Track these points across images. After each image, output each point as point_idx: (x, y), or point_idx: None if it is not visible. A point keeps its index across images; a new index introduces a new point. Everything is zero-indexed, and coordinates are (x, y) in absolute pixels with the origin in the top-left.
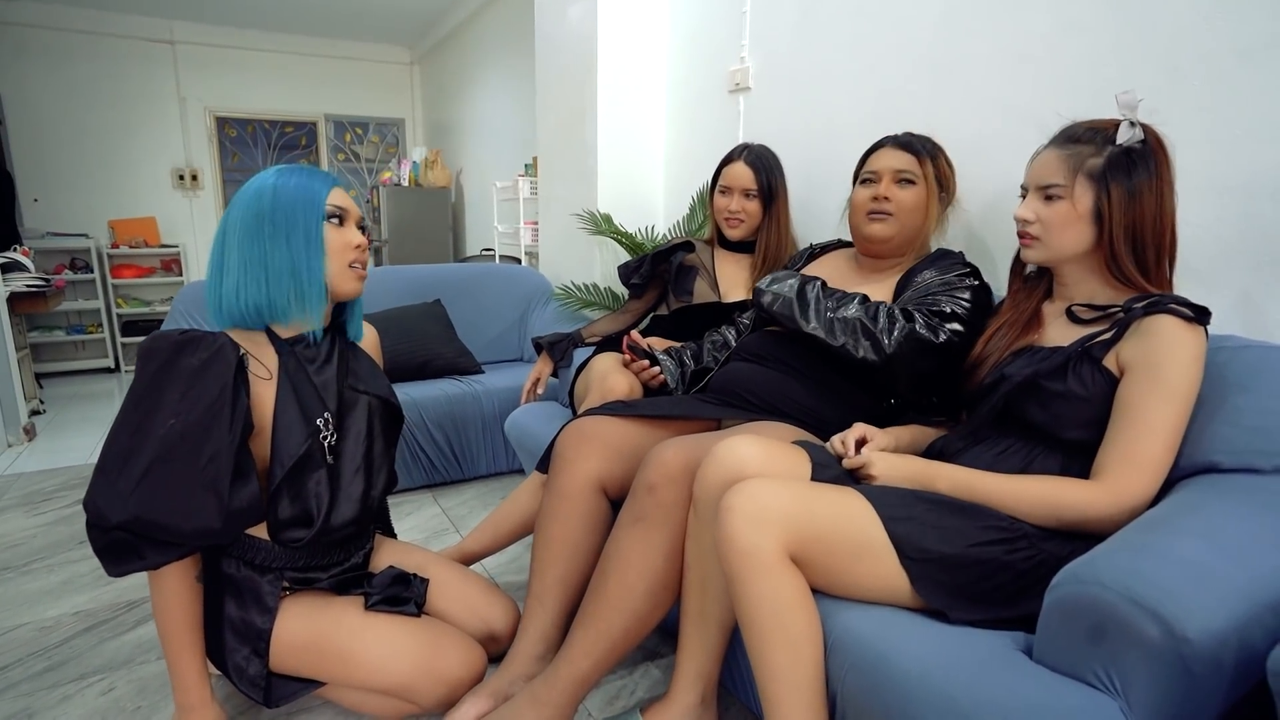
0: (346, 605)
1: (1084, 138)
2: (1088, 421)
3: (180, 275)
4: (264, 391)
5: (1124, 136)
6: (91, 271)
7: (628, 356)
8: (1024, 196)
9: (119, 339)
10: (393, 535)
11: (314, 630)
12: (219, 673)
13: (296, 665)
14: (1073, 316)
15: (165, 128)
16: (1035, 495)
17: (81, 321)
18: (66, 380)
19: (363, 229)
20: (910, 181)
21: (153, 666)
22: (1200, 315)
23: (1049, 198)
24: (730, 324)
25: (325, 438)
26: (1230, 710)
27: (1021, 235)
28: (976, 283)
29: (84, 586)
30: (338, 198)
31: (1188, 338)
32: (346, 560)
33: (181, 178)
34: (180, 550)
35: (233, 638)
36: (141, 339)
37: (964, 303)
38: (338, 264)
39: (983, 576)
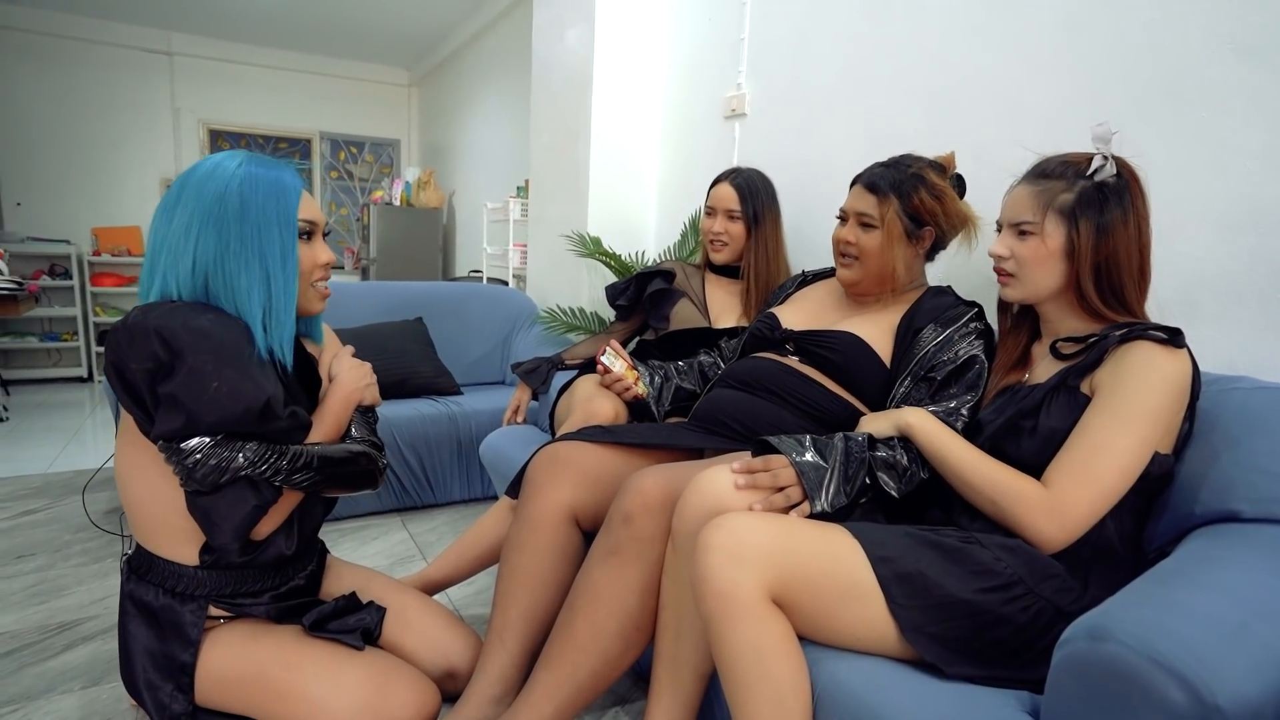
0: (285, 635)
1: (1055, 173)
2: None
3: None
4: None
5: (1097, 171)
6: (70, 278)
7: (601, 369)
8: (1000, 232)
9: (94, 348)
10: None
11: (247, 662)
12: (136, 705)
13: (226, 700)
14: (1056, 353)
15: (156, 138)
16: (987, 473)
17: (55, 329)
18: (36, 388)
19: (325, 234)
20: (871, 225)
21: (74, 697)
22: (1174, 337)
23: (1021, 234)
24: (715, 350)
25: None
26: None
27: (998, 272)
28: (982, 325)
29: (12, 606)
30: (308, 209)
31: (1161, 361)
32: (282, 586)
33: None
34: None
35: (154, 672)
36: None
37: (977, 375)
38: (302, 285)
39: (979, 629)
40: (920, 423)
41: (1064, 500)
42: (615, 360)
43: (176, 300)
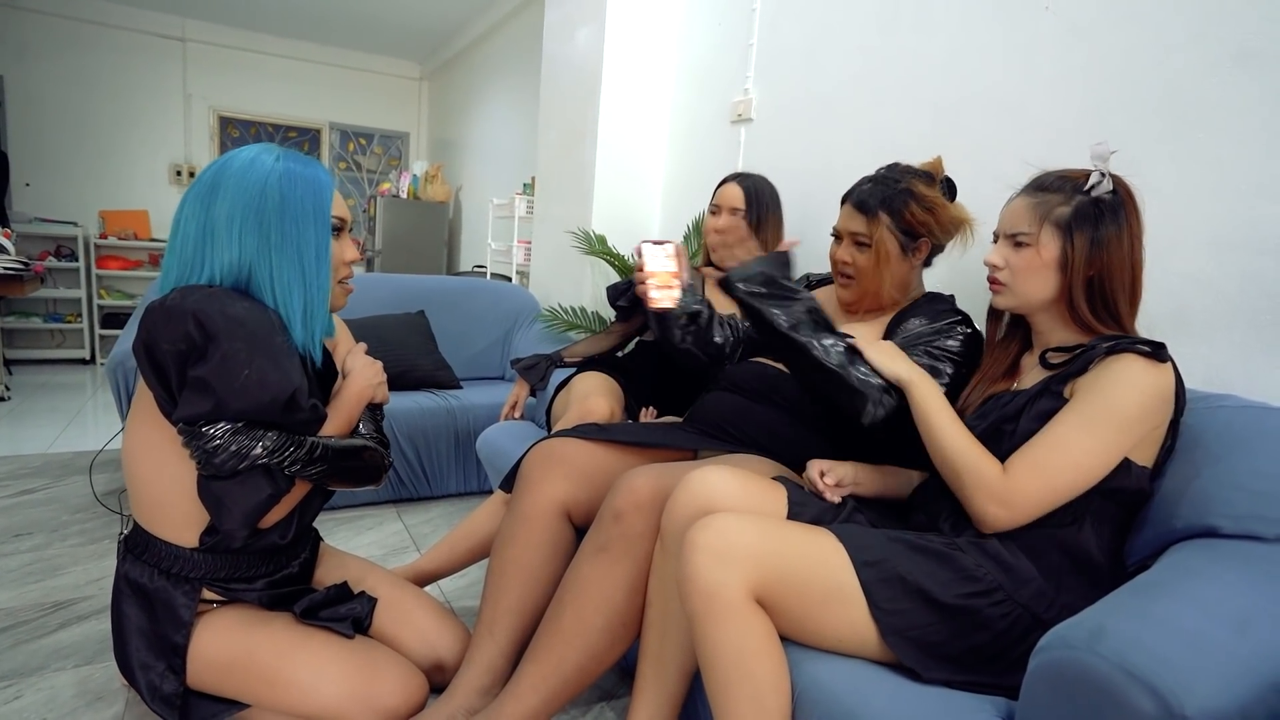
0: (277, 622)
1: (1053, 186)
2: None
3: None
4: None
5: (1094, 187)
6: (76, 260)
7: (638, 262)
8: (996, 242)
9: (98, 330)
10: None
11: (239, 647)
12: (128, 684)
13: (217, 684)
14: (1045, 363)
15: (167, 123)
16: (961, 448)
17: (59, 310)
18: (39, 369)
19: (350, 229)
20: (865, 244)
21: (67, 675)
22: (1157, 351)
23: (1017, 244)
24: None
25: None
26: None
27: (991, 281)
28: (968, 330)
29: (10, 583)
30: (339, 206)
31: (1139, 372)
32: (277, 572)
33: (179, 174)
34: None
35: (146, 653)
36: (121, 332)
37: (952, 354)
38: (331, 280)
39: (958, 634)
40: (923, 384)
41: (1013, 487)
42: (661, 258)
43: (213, 286)
